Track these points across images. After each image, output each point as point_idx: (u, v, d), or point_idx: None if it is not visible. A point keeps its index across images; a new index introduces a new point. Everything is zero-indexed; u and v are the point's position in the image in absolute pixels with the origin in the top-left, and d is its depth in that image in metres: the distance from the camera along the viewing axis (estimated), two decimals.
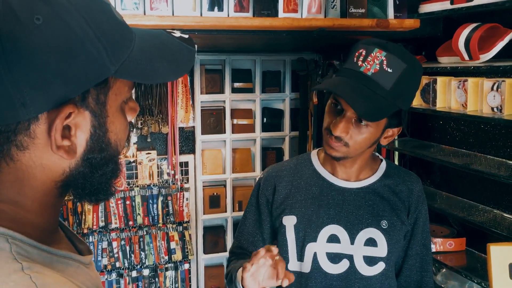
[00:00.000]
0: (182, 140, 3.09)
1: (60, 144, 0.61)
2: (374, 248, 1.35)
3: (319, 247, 1.35)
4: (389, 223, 1.36)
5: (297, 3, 1.80)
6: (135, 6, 1.62)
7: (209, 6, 1.69)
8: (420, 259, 1.44)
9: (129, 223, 2.98)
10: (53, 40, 0.56)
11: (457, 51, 1.78)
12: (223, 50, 3.01)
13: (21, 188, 0.64)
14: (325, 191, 1.38)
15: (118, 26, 0.64)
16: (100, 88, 0.63)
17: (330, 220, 1.36)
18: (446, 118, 2.13)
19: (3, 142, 0.60)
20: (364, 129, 1.26)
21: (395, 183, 1.41)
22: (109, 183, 0.71)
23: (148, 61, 0.66)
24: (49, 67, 0.56)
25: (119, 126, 0.68)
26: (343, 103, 1.25)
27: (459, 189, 2.10)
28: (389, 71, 1.21)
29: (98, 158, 0.66)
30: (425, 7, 1.96)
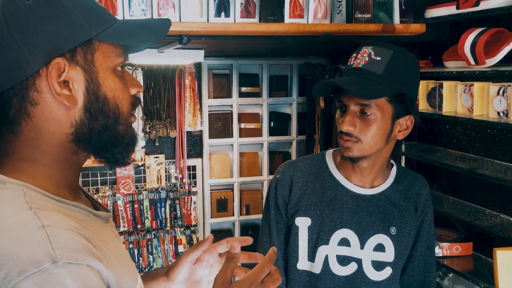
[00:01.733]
0: (189, 144, 3.12)
1: (59, 91, 0.76)
2: (382, 254, 1.38)
3: (330, 249, 1.38)
4: (397, 229, 1.40)
5: (303, 9, 1.81)
6: (142, 13, 1.65)
7: (216, 12, 1.71)
8: (424, 261, 1.45)
9: (137, 227, 3.01)
10: (40, 12, 0.75)
11: (463, 55, 1.79)
12: (231, 55, 3.03)
13: (39, 144, 0.78)
14: (339, 196, 1.40)
15: (97, 7, 0.82)
16: (86, 48, 0.79)
17: (342, 224, 1.38)
18: (452, 122, 2.13)
19: (21, 101, 0.76)
20: (370, 119, 1.29)
21: (405, 188, 1.43)
22: (121, 141, 0.84)
23: (128, 29, 0.83)
24: (40, 31, 0.75)
25: (114, 85, 0.82)
26: (344, 99, 1.31)
27: (466, 193, 2.10)
28: (378, 59, 1.28)
29: (97, 109, 0.80)
30: (431, 11, 1.96)
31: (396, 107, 1.31)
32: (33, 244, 0.65)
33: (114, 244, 0.83)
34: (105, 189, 2.95)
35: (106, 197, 2.93)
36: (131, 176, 2.98)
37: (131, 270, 0.84)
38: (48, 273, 0.63)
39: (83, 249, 0.69)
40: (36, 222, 0.68)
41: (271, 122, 3.22)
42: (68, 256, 0.66)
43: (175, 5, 1.67)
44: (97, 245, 0.73)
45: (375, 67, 1.28)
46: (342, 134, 1.31)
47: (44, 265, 0.63)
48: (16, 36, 0.74)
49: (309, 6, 1.80)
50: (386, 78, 1.27)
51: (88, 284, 0.66)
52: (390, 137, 1.34)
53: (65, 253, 0.66)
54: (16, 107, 0.77)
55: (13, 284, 0.62)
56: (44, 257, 0.64)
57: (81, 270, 0.66)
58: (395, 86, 1.28)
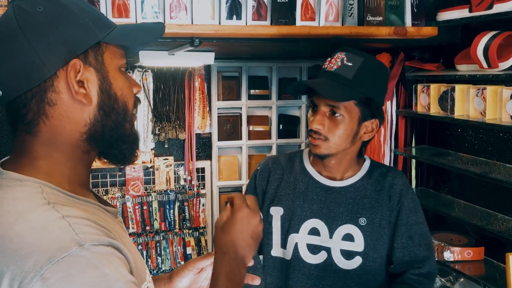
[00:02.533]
0: (198, 146, 3.12)
1: (78, 90, 0.81)
2: (351, 243, 1.46)
3: (300, 238, 1.48)
4: (368, 220, 1.47)
5: (314, 11, 1.81)
6: (155, 15, 1.65)
7: (228, 15, 1.72)
8: (408, 253, 1.47)
9: (146, 228, 3.01)
10: (53, 17, 0.80)
11: (476, 59, 1.78)
12: (240, 57, 3.03)
13: (55, 144, 0.82)
14: (311, 188, 1.51)
15: (99, 13, 0.89)
16: (96, 50, 0.84)
17: (312, 214, 1.49)
18: (464, 126, 2.11)
19: (39, 102, 0.80)
20: (338, 120, 1.40)
21: (376, 180, 1.51)
22: (128, 138, 0.89)
23: (129, 32, 0.90)
24: (55, 35, 0.79)
25: (122, 83, 0.88)
26: (316, 99, 1.42)
27: (477, 197, 2.08)
28: (349, 64, 1.39)
29: (109, 107, 0.85)
30: (443, 14, 1.95)
31: (363, 110, 1.42)
32: (56, 232, 0.70)
33: (124, 236, 0.88)
34: (115, 190, 2.96)
35: (115, 198, 2.93)
36: (140, 178, 2.99)
37: (142, 262, 0.89)
38: (77, 256, 0.68)
39: (102, 232, 0.74)
40: (55, 214, 0.73)
41: (280, 124, 3.22)
42: (92, 239, 0.71)
43: (187, 8, 1.68)
44: (111, 232, 0.78)
45: (346, 71, 1.39)
46: (311, 132, 1.42)
47: (71, 249, 0.68)
48: (31, 40, 0.78)
49: (320, 9, 1.80)
50: (355, 83, 1.38)
51: (113, 259, 0.72)
52: (356, 138, 1.45)
53: (89, 236, 0.71)
54: (34, 108, 0.81)
55: (45, 270, 0.66)
56: (70, 242, 0.69)
57: (106, 249, 0.72)
58: (363, 91, 1.39)
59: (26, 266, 0.67)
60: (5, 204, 0.76)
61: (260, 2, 1.74)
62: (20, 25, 0.78)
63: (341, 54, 1.41)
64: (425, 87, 2.08)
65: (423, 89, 2.09)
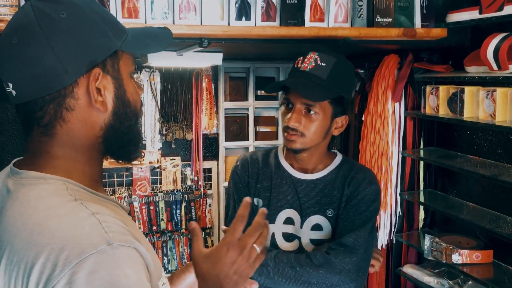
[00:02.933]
0: (205, 146, 3.12)
1: (97, 98, 0.83)
2: (319, 232, 1.58)
3: (276, 227, 1.59)
4: (335, 211, 1.57)
5: (323, 12, 1.81)
6: (164, 16, 1.65)
7: (237, 15, 1.71)
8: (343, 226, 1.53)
9: (152, 228, 3.02)
10: (76, 24, 0.81)
11: (486, 60, 1.76)
12: (247, 58, 3.03)
13: (73, 145, 0.85)
14: (284, 180, 1.62)
15: (115, 19, 0.90)
16: (114, 58, 0.86)
17: (287, 205, 1.59)
18: (473, 128, 2.10)
19: (56, 107, 0.82)
20: (313, 117, 1.50)
21: (344, 175, 1.60)
22: (137, 138, 0.93)
23: (141, 40, 0.92)
24: (78, 41, 0.80)
25: (132, 89, 0.91)
26: (291, 97, 1.50)
27: (486, 200, 2.07)
28: (323, 65, 1.49)
29: (123, 113, 0.88)
30: (453, 16, 1.94)
31: (335, 108, 1.53)
32: (87, 228, 0.73)
33: (140, 234, 0.90)
34: (121, 190, 2.97)
35: (122, 198, 2.94)
36: (147, 178, 3.00)
37: (157, 259, 0.91)
38: (105, 253, 0.70)
39: (129, 233, 0.76)
40: (85, 210, 0.75)
41: None
42: (121, 239, 0.73)
43: (196, 9, 1.68)
44: (131, 231, 0.79)
45: (320, 72, 1.48)
46: (288, 129, 1.51)
47: (101, 246, 0.71)
48: (55, 47, 0.79)
49: (329, 10, 1.80)
50: (330, 83, 1.48)
51: (136, 263, 0.74)
52: (328, 133, 1.57)
53: (118, 236, 0.73)
54: (51, 112, 0.82)
55: (75, 263, 0.69)
56: (100, 240, 0.71)
57: (131, 252, 0.74)
58: (336, 90, 1.51)
59: (57, 259, 0.69)
60: (32, 201, 0.78)
61: (269, 3, 1.74)
62: (43, 30, 0.79)
63: (314, 55, 1.50)
64: (434, 89, 2.07)
65: (432, 91, 2.08)
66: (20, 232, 0.75)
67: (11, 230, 0.77)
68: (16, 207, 0.79)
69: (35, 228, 0.74)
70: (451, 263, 1.94)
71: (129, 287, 0.71)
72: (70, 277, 0.68)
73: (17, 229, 0.76)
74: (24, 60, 0.80)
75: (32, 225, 0.74)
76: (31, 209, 0.77)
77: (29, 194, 0.79)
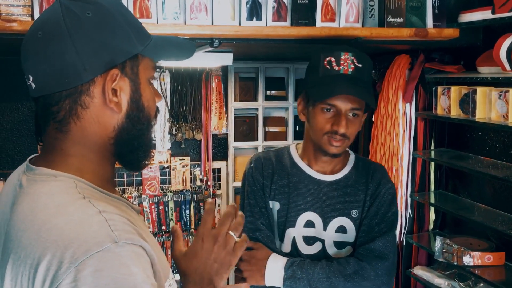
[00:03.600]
0: (215, 146, 3.12)
1: (111, 99, 0.84)
2: (344, 235, 1.54)
3: (297, 231, 1.54)
4: (359, 211, 1.54)
5: (334, 12, 1.80)
6: (175, 16, 1.66)
7: (248, 16, 1.71)
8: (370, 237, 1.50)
9: (162, 228, 3.03)
10: (100, 24, 0.82)
11: (498, 61, 1.75)
12: (257, 58, 3.03)
13: (86, 143, 0.85)
14: (303, 182, 1.56)
15: (139, 23, 0.91)
16: (133, 61, 0.87)
17: (307, 208, 1.54)
18: (485, 129, 2.08)
19: (72, 103, 0.83)
20: (357, 120, 1.49)
21: (362, 171, 1.58)
22: (147, 146, 0.93)
23: (164, 47, 0.93)
24: (100, 41, 0.82)
25: (149, 95, 0.91)
26: (337, 103, 1.44)
27: (497, 201, 2.05)
28: (360, 66, 1.45)
29: (136, 117, 0.88)
30: (465, 16, 1.93)
31: (366, 106, 1.51)
32: (94, 226, 0.73)
33: (148, 234, 0.90)
34: (131, 190, 2.98)
35: (132, 197, 2.95)
36: (157, 178, 3.00)
37: (165, 259, 0.91)
38: (111, 252, 0.71)
39: (135, 231, 0.77)
40: (93, 209, 0.76)
41: (296, 126, 3.21)
42: (126, 237, 0.74)
43: (207, 9, 1.68)
44: (139, 230, 0.80)
45: (361, 74, 1.45)
46: (335, 135, 1.45)
47: (106, 245, 0.71)
48: (77, 44, 0.80)
49: (341, 10, 1.79)
50: (369, 83, 1.49)
51: (142, 261, 0.75)
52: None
53: (124, 235, 0.74)
54: (66, 108, 0.83)
55: (80, 261, 0.69)
56: (106, 238, 0.72)
57: (137, 249, 0.74)
58: (371, 89, 1.52)
59: (63, 257, 0.70)
60: (43, 198, 0.79)
61: (280, 3, 1.74)
62: (68, 27, 0.80)
63: (349, 55, 1.45)
64: (446, 89, 2.06)
65: (444, 91, 2.07)
66: (28, 228, 0.76)
67: (20, 225, 0.78)
68: (26, 203, 0.80)
69: (43, 225, 0.75)
70: (462, 265, 1.92)
71: (134, 285, 0.71)
72: (76, 275, 0.69)
73: (26, 225, 0.77)
74: (46, 54, 0.81)
75: (40, 222, 0.75)
76: (41, 205, 0.78)
77: (40, 190, 0.80)
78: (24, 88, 2.63)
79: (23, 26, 1.48)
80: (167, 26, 1.64)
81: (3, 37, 1.53)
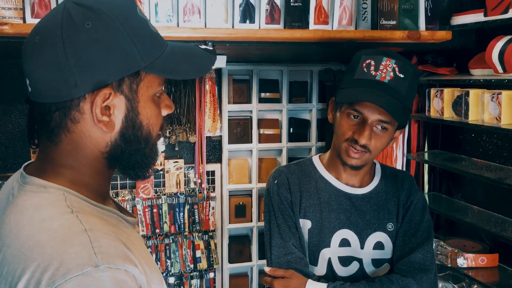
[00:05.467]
0: (209, 149, 3.12)
1: (100, 118, 0.80)
2: (381, 251, 1.42)
3: (332, 251, 1.40)
4: (394, 224, 1.43)
5: (328, 15, 1.80)
6: (168, 18, 1.65)
7: (241, 18, 1.71)
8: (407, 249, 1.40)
9: (155, 231, 3.01)
10: (97, 38, 0.76)
11: (491, 63, 1.76)
12: (251, 61, 3.02)
13: (77, 156, 0.82)
14: (334, 197, 1.43)
15: (151, 35, 0.83)
16: (133, 78, 0.81)
17: (341, 225, 1.41)
18: (478, 131, 2.09)
19: (62, 116, 0.80)
20: (384, 134, 1.34)
21: (391, 183, 1.47)
22: (145, 161, 0.88)
23: (175, 63, 0.85)
24: (94, 57, 0.76)
25: (150, 113, 0.85)
26: (365, 111, 1.31)
27: (491, 203, 2.06)
28: (401, 76, 1.30)
29: (132, 135, 0.83)
30: (457, 19, 1.94)
31: (401, 122, 1.36)
32: (76, 247, 0.70)
33: (142, 247, 0.87)
34: (125, 193, 2.96)
35: (126, 201, 2.94)
36: (151, 181, 2.99)
37: (158, 272, 0.88)
38: (90, 276, 0.67)
39: (121, 254, 0.73)
40: (79, 226, 0.73)
41: (290, 128, 3.21)
42: (109, 261, 0.70)
43: (200, 11, 1.67)
44: (131, 249, 0.77)
45: (399, 85, 1.30)
46: (355, 144, 1.32)
47: (86, 268, 0.68)
48: (70, 58, 0.76)
49: (334, 13, 1.79)
50: (407, 99, 1.32)
51: (124, 287, 0.70)
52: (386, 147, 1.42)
53: (106, 258, 0.70)
54: (57, 119, 0.80)
55: (58, 284, 0.66)
56: (87, 261, 0.68)
57: (120, 275, 0.70)
58: (409, 105, 1.35)
59: (42, 278, 0.68)
60: (30, 210, 0.76)
61: (274, 6, 1.74)
62: (63, 38, 0.76)
63: (390, 62, 1.30)
64: (439, 92, 2.07)
65: (437, 94, 2.08)
66: (13, 243, 0.74)
67: (6, 240, 0.76)
68: (13, 215, 0.78)
69: (26, 241, 0.72)
70: (456, 266, 1.93)
71: None
72: None
73: (11, 239, 0.75)
74: (39, 63, 0.78)
75: (24, 238, 0.73)
76: (26, 219, 0.75)
77: (28, 202, 0.78)
78: (16, 91, 2.61)
79: (14, 29, 1.47)
80: (159, 29, 1.61)
81: None
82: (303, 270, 1.37)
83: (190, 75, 0.91)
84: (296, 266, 1.37)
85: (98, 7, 0.78)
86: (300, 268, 1.37)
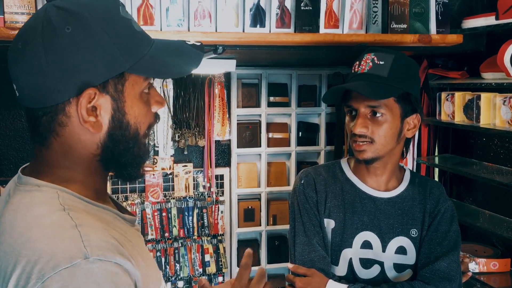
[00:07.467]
0: (218, 153, 3.12)
1: (87, 119, 0.80)
2: (404, 256, 1.41)
3: (353, 252, 1.41)
4: (418, 231, 1.42)
5: (338, 19, 1.80)
6: (179, 23, 1.66)
7: (251, 22, 1.72)
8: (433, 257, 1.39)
9: (164, 235, 3.02)
10: (78, 43, 0.76)
11: (502, 67, 1.75)
12: (260, 65, 3.03)
13: (69, 157, 0.83)
14: (358, 199, 1.44)
15: (134, 34, 0.83)
16: (118, 79, 0.81)
17: (364, 227, 1.42)
18: (489, 135, 2.08)
19: (49, 121, 0.80)
20: (381, 120, 1.35)
21: (418, 190, 1.46)
22: (136, 161, 0.88)
23: (161, 61, 0.85)
24: (75, 61, 0.77)
25: (138, 111, 0.85)
26: (354, 103, 1.37)
27: (502, 207, 2.04)
28: (381, 63, 1.36)
29: (119, 135, 0.84)
30: (468, 22, 1.93)
31: (404, 107, 1.37)
32: (66, 241, 0.71)
33: (140, 245, 0.88)
34: (134, 197, 2.97)
35: (135, 204, 2.95)
36: (160, 184, 3.00)
37: (156, 271, 0.89)
38: (80, 268, 0.68)
39: (112, 247, 0.73)
40: (69, 222, 0.74)
41: (299, 132, 3.20)
42: (99, 254, 0.70)
43: (211, 16, 1.68)
44: (125, 245, 0.78)
45: (379, 70, 1.35)
46: (355, 137, 1.37)
47: (76, 260, 0.68)
48: (51, 63, 0.76)
49: (344, 16, 1.79)
50: (392, 80, 1.34)
51: (116, 279, 0.71)
52: (400, 136, 1.40)
53: (96, 251, 0.70)
54: (45, 124, 0.81)
55: (48, 277, 0.67)
56: (77, 253, 0.69)
57: (110, 267, 0.71)
58: (401, 86, 1.35)
59: (32, 271, 0.68)
60: (23, 209, 0.78)
61: (284, 10, 1.74)
62: (44, 43, 0.76)
63: (370, 55, 1.38)
64: (449, 95, 2.06)
65: (447, 97, 2.07)
66: (6, 240, 0.75)
67: (0, 237, 0.77)
68: (8, 214, 0.79)
69: (18, 237, 0.73)
70: None
71: None
72: None
73: (4, 237, 0.76)
74: (23, 69, 0.79)
75: (16, 235, 0.74)
76: (20, 217, 0.76)
77: (22, 201, 0.79)
78: None
79: None
80: (171, 33, 1.64)
81: (8, 45, 1.53)
82: (325, 269, 1.40)
83: (176, 73, 0.92)
84: (318, 264, 1.40)
85: (79, 11, 0.78)
86: (322, 266, 1.40)
